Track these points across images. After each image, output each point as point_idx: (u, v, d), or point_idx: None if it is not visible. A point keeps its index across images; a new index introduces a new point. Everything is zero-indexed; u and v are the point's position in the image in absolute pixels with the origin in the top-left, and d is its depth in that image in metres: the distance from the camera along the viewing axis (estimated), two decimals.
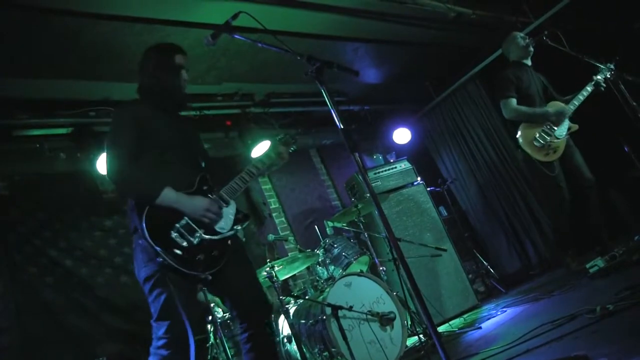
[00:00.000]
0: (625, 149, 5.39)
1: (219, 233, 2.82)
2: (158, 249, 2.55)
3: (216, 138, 6.36)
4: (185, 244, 2.64)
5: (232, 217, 2.93)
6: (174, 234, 2.63)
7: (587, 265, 4.30)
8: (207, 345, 4.32)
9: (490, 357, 3.30)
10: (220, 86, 5.84)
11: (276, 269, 4.18)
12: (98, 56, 4.57)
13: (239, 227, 2.95)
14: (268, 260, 4.24)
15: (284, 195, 7.12)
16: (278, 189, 7.11)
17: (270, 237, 5.09)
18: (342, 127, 2.40)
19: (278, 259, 4.48)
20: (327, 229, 5.17)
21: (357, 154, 2.37)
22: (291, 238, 6.72)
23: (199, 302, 2.90)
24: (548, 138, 4.88)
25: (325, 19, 5.18)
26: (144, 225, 2.58)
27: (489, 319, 4.82)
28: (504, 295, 6.10)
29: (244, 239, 5.55)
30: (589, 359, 2.27)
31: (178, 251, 2.60)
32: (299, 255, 4.54)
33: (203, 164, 3.12)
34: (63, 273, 4.84)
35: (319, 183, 7.66)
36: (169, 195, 2.68)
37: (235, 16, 2.84)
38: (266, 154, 3.22)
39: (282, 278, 4.56)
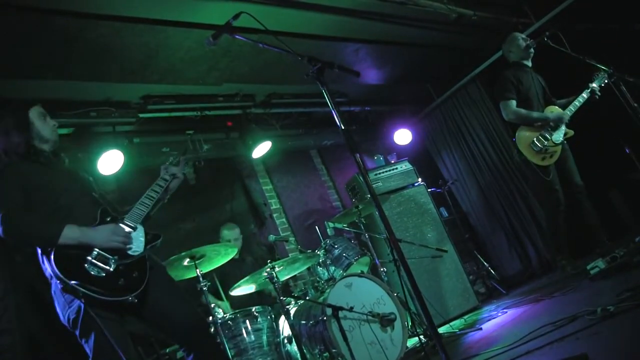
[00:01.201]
0: (627, 150, 5.38)
1: (132, 256, 2.82)
2: (74, 282, 2.51)
3: (217, 139, 6.37)
4: (103, 273, 2.63)
5: (142, 239, 2.93)
6: (88, 267, 2.61)
7: (588, 267, 4.30)
8: None
9: (491, 358, 3.29)
10: (221, 87, 5.85)
11: (277, 269, 4.18)
12: (99, 57, 4.58)
13: (154, 245, 2.97)
14: (269, 261, 4.23)
15: (284, 196, 7.12)
16: (279, 190, 7.12)
17: (271, 237, 5.09)
18: (343, 127, 2.40)
19: (279, 259, 4.48)
20: (328, 229, 5.17)
21: (357, 155, 2.37)
22: (292, 239, 6.72)
23: (129, 333, 2.86)
24: (546, 142, 4.89)
25: (326, 20, 5.18)
26: (54, 266, 2.53)
27: (489, 320, 4.81)
28: (504, 297, 6.10)
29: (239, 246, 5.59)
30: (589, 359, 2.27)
31: (97, 281, 2.58)
32: (300, 256, 4.53)
33: (99, 198, 3.03)
34: None
35: (319, 184, 7.66)
36: (71, 232, 2.62)
37: (236, 16, 2.84)
38: (161, 178, 3.25)
39: (282, 279, 4.55)
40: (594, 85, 4.91)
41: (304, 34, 5.34)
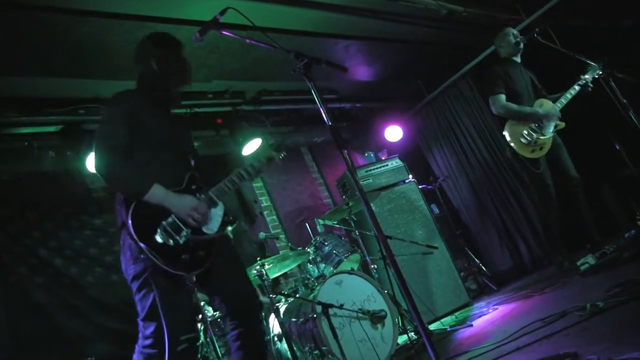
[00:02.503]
0: (617, 147, 5.40)
1: (206, 234, 2.79)
2: (142, 245, 2.52)
3: (207, 136, 6.33)
4: (171, 242, 2.61)
5: (219, 219, 2.90)
6: (160, 232, 2.60)
7: (578, 263, 4.32)
8: (198, 344, 4.29)
9: (481, 355, 3.29)
10: (210, 84, 5.82)
11: (267, 266, 4.16)
12: (87, 54, 4.54)
13: (227, 229, 2.94)
14: (258, 258, 4.22)
15: (275, 193, 7.10)
16: (269, 187, 7.09)
17: (262, 235, 5.07)
18: (330, 124, 2.38)
19: (269, 256, 4.46)
20: (318, 226, 5.15)
21: (345, 151, 2.35)
22: (282, 236, 6.70)
23: (189, 301, 2.85)
24: (535, 135, 4.88)
25: (315, 16, 5.16)
26: (130, 221, 2.56)
27: (480, 316, 4.82)
28: (495, 293, 6.11)
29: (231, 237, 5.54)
30: (579, 356, 2.27)
31: (163, 250, 2.58)
32: (290, 253, 4.52)
33: (193, 163, 3.08)
34: (53, 273, 4.80)
35: (310, 181, 7.64)
36: (157, 192, 2.64)
37: (223, 12, 2.81)
38: (258, 159, 3.20)
39: (272, 276, 4.54)
40: (587, 76, 4.89)
41: (294, 31, 5.31)
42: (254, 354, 2.93)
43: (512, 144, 4.95)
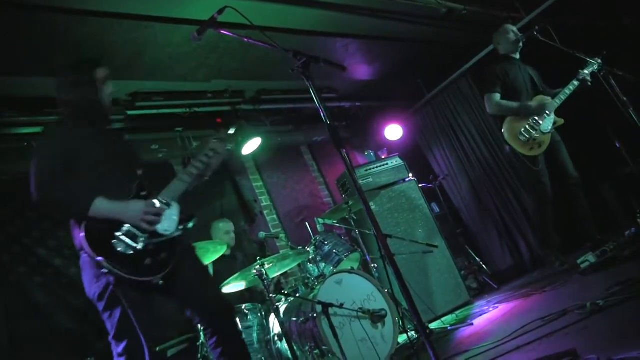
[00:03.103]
0: (617, 144, 5.39)
1: (164, 235, 2.76)
2: (100, 259, 2.50)
3: (206, 136, 6.30)
4: (130, 251, 2.58)
5: (175, 218, 2.85)
6: (116, 243, 2.57)
7: (579, 261, 4.31)
8: (198, 344, 4.29)
9: (481, 354, 3.29)
10: (210, 83, 5.82)
11: (266, 266, 4.15)
12: (87, 53, 4.52)
13: (186, 226, 2.90)
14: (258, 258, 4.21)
15: (275, 193, 7.10)
16: (269, 187, 7.09)
17: (262, 234, 5.07)
18: (328, 123, 2.37)
19: (269, 256, 4.46)
20: (318, 226, 5.14)
21: (343, 150, 2.34)
22: (282, 235, 6.69)
23: (163, 306, 2.83)
24: (533, 132, 4.88)
25: (315, 15, 5.16)
26: (84, 238, 2.53)
27: (480, 315, 4.81)
28: (496, 292, 6.11)
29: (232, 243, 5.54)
30: (578, 355, 2.26)
31: (124, 259, 2.55)
32: (290, 253, 4.51)
33: (139, 172, 3.00)
34: (52, 272, 4.80)
35: (310, 180, 7.64)
36: (101, 206, 2.61)
37: (221, 11, 2.80)
38: (204, 153, 3.12)
39: (272, 275, 4.53)
40: (585, 71, 4.88)
41: (293, 30, 5.31)
42: (237, 357, 2.92)
43: (510, 142, 4.95)
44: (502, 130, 5.02)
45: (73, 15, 4.01)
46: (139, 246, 2.62)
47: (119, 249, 2.56)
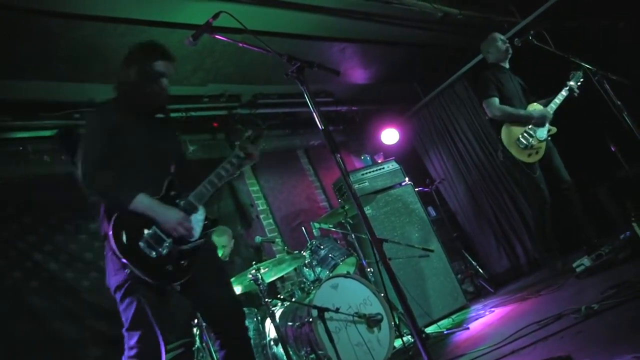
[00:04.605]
0: (612, 148, 5.40)
1: (188, 242, 2.75)
2: (124, 260, 2.51)
3: (203, 140, 6.32)
4: (153, 254, 2.59)
5: (201, 224, 2.85)
6: (142, 244, 2.58)
7: (574, 265, 4.32)
8: (193, 348, 4.28)
9: (477, 358, 3.29)
10: (206, 87, 5.82)
11: (262, 271, 4.15)
12: (82, 58, 4.54)
13: (210, 232, 2.90)
14: (254, 262, 4.20)
15: (271, 197, 7.08)
16: (266, 191, 7.08)
17: (258, 239, 5.06)
18: (322, 127, 2.37)
19: (265, 260, 4.45)
20: (314, 230, 5.14)
21: (338, 155, 2.34)
22: (279, 240, 6.69)
23: (170, 310, 2.83)
24: (531, 139, 4.89)
25: (310, 19, 5.17)
26: (111, 234, 2.54)
27: (477, 319, 4.81)
28: (492, 295, 6.11)
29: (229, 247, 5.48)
30: (573, 359, 2.26)
31: (146, 262, 2.56)
32: (286, 257, 4.51)
33: (173, 169, 2.99)
34: (48, 277, 4.77)
35: (307, 184, 7.63)
36: (142, 201, 2.63)
37: (216, 16, 2.80)
38: (235, 155, 3.07)
39: (268, 280, 4.52)
40: (571, 83, 4.94)
41: (288, 34, 5.32)
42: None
43: (509, 148, 4.95)
44: (500, 137, 5.02)
45: (68, 19, 4.01)
46: (163, 251, 2.63)
47: (144, 251, 2.57)
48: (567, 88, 4.96)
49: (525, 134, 4.91)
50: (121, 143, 2.79)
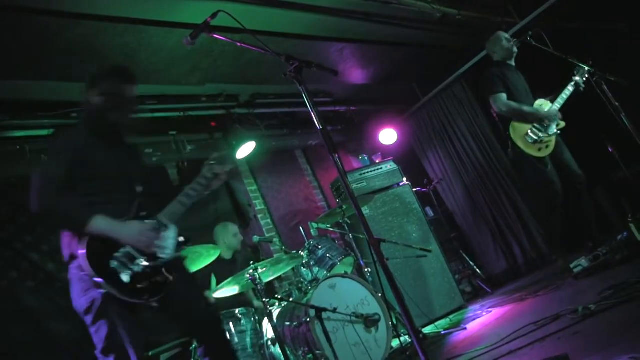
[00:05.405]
0: (609, 149, 5.41)
1: (161, 258, 2.73)
2: (100, 280, 2.47)
3: (201, 139, 6.31)
4: (127, 272, 2.57)
5: (173, 241, 2.83)
6: (114, 264, 2.55)
7: (572, 265, 4.33)
8: (190, 348, 4.27)
9: (474, 358, 3.29)
10: (204, 87, 5.80)
11: (260, 271, 4.14)
12: (80, 57, 4.51)
13: (184, 249, 2.89)
14: (252, 262, 4.20)
15: (269, 197, 7.09)
16: (264, 190, 7.08)
17: (256, 238, 5.05)
18: (320, 127, 2.37)
19: (263, 260, 4.45)
20: (312, 230, 5.14)
21: (336, 155, 2.34)
22: (276, 239, 6.68)
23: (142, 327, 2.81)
24: (540, 134, 4.88)
25: (309, 19, 5.15)
26: (84, 253, 2.50)
27: (474, 319, 4.82)
28: (490, 296, 6.12)
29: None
30: None
31: (120, 281, 2.53)
32: (284, 257, 4.50)
33: (141, 190, 2.93)
34: (44, 277, 4.75)
35: (305, 184, 7.63)
36: (100, 224, 2.58)
37: (214, 15, 2.80)
38: (202, 176, 3.10)
39: (266, 280, 4.52)
40: (577, 78, 4.93)
41: (287, 34, 5.30)
42: None
43: (518, 143, 4.93)
44: (508, 132, 4.99)
45: (65, 18, 3.99)
46: (137, 269, 2.60)
47: (117, 271, 2.54)
48: (573, 83, 4.94)
49: (534, 129, 4.90)
50: (87, 166, 2.77)
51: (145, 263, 2.64)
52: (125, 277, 2.55)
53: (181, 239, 2.89)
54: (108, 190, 2.79)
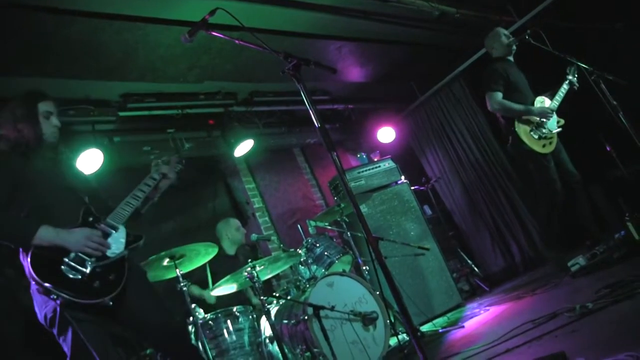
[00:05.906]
0: (607, 148, 5.41)
1: (110, 257, 2.76)
2: (48, 285, 2.48)
3: (199, 137, 6.30)
4: (79, 275, 2.58)
5: (123, 241, 2.87)
6: (64, 269, 2.56)
7: (569, 264, 4.33)
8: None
9: (471, 356, 3.30)
10: (202, 85, 5.80)
11: (257, 269, 4.14)
12: (76, 54, 4.51)
13: (135, 247, 2.92)
14: (250, 260, 4.19)
15: (267, 195, 7.08)
16: (262, 188, 7.07)
17: (254, 236, 5.05)
18: (319, 125, 2.37)
19: (261, 258, 4.44)
20: (310, 228, 5.14)
21: (335, 153, 2.34)
22: (274, 238, 6.68)
23: (109, 334, 2.82)
24: (544, 130, 4.89)
25: (307, 17, 5.15)
26: (30, 267, 2.51)
27: (472, 317, 4.83)
28: (487, 294, 6.13)
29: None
30: (567, 358, 2.27)
31: (71, 283, 2.54)
32: (282, 255, 4.50)
33: (86, 199, 2.98)
34: None
35: (303, 182, 7.63)
36: (45, 234, 2.58)
37: (212, 13, 2.79)
38: (150, 176, 3.17)
39: (264, 278, 4.51)
40: (570, 77, 4.97)
41: (286, 32, 5.30)
42: None
43: (524, 139, 4.92)
44: (514, 128, 4.98)
45: (62, 15, 3.98)
46: (88, 270, 2.62)
47: (68, 275, 2.56)
48: (567, 82, 4.99)
49: (533, 128, 4.91)
50: (25, 185, 2.77)
51: (95, 263, 2.67)
52: (77, 278, 2.57)
53: (130, 238, 2.92)
54: (52, 204, 2.80)
